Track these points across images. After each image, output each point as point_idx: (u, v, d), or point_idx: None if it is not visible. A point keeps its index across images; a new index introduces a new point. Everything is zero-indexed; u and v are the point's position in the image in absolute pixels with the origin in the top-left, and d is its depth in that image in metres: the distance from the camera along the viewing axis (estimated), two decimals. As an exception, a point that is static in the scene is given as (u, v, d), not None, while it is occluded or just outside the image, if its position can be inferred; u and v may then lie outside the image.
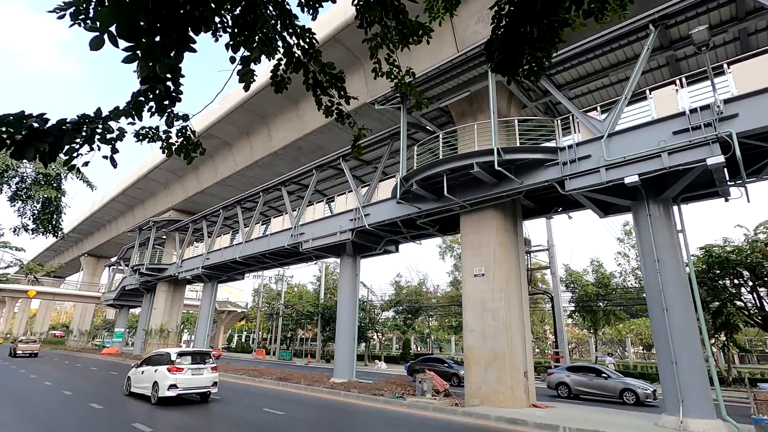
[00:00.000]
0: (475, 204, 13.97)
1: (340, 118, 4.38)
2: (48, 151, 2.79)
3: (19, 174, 10.92)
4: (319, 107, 4.23)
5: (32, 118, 2.74)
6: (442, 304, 40.26)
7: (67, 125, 2.86)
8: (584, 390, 16.87)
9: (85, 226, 52.59)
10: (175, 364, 12.23)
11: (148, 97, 3.16)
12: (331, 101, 4.25)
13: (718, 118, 9.64)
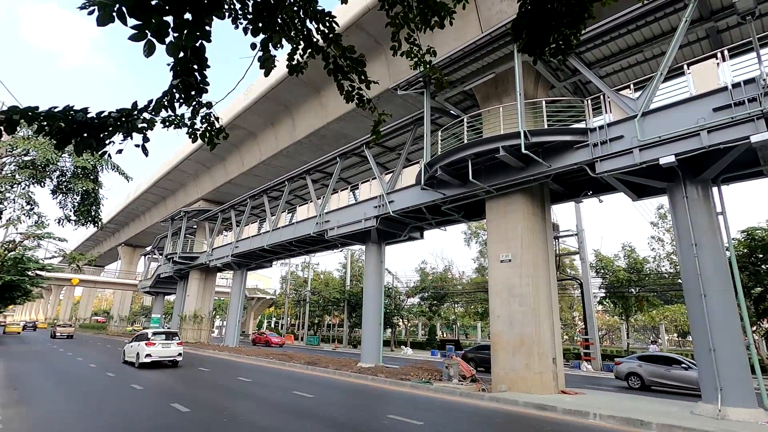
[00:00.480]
0: (501, 189, 13.72)
1: (361, 103, 4.35)
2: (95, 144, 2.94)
3: (59, 168, 11.45)
4: (341, 92, 4.21)
5: (76, 111, 2.89)
6: (468, 290, 40.07)
7: (111, 119, 2.99)
8: (660, 381, 15.67)
9: (121, 216, 54.84)
10: (150, 340, 17.06)
11: (180, 89, 3.25)
12: (352, 86, 4.22)
13: (764, 92, 9.05)
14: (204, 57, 3.22)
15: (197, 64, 3.23)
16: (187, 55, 3.11)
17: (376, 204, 18.47)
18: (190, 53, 3.13)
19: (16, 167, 10.85)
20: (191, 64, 3.20)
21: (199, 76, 3.28)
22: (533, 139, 11.86)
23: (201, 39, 3.16)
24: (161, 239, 43.50)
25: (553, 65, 13.85)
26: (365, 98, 4.33)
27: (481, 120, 14.55)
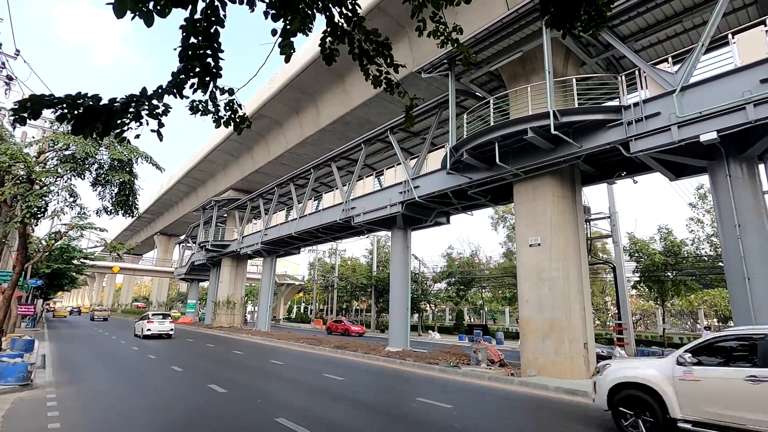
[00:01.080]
0: (529, 171, 13.39)
1: (389, 87, 4.28)
2: (101, 128, 2.99)
3: (97, 161, 11.95)
4: (366, 77, 4.15)
5: (87, 98, 2.93)
6: (496, 275, 39.67)
7: (117, 105, 3.03)
8: None
9: (155, 207, 56.96)
10: (149, 319, 24.34)
11: (190, 75, 3.25)
12: (379, 70, 4.15)
13: (818, 60, 8.38)
14: (217, 42, 3.22)
15: (210, 49, 3.23)
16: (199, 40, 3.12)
17: (402, 190, 18.41)
18: (202, 38, 3.14)
19: (58, 161, 11.40)
20: (204, 49, 3.20)
21: (212, 61, 3.29)
22: (563, 119, 11.46)
23: (215, 24, 3.17)
24: (194, 228, 45.01)
25: (584, 41, 13.26)
26: (393, 82, 4.26)
27: (508, 101, 14.16)
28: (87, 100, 2.89)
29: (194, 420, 7.19)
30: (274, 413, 7.50)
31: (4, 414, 7.06)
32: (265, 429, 6.59)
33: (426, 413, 7.91)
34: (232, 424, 6.94)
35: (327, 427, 6.78)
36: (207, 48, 3.20)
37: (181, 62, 3.15)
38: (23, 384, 9.04)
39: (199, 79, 3.26)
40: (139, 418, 7.21)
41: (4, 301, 12.06)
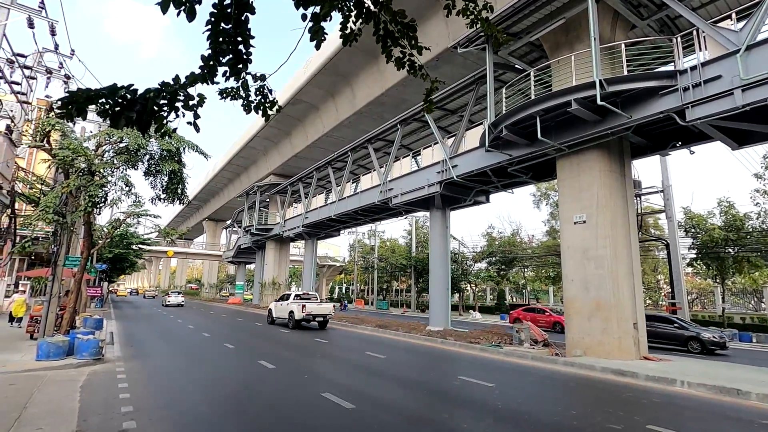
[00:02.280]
0: (573, 146, 12.78)
1: (412, 69, 4.17)
2: (136, 119, 3.03)
3: (148, 152, 12.64)
4: (388, 60, 4.06)
5: (123, 89, 2.95)
6: (538, 254, 38.65)
7: (150, 94, 3.04)
8: None
9: (203, 194, 59.67)
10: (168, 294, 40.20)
11: (220, 62, 3.29)
12: (402, 52, 4.06)
13: None
14: (247, 29, 3.24)
15: (241, 36, 3.26)
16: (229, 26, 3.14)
17: (439, 169, 18.19)
18: (233, 25, 3.16)
19: (114, 153, 12.17)
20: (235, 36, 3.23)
21: (243, 48, 3.32)
22: (610, 88, 10.79)
23: (245, 11, 3.18)
24: (239, 213, 46.85)
25: (635, 1, 12.31)
26: (416, 64, 4.15)
27: (550, 72, 13.47)
28: (123, 92, 2.93)
29: (247, 393, 7.65)
30: (320, 389, 7.83)
31: (82, 384, 7.82)
32: (313, 403, 6.90)
33: (468, 391, 7.98)
34: (282, 397, 7.33)
35: (371, 403, 7.00)
36: (238, 35, 3.23)
37: (210, 48, 3.18)
38: (96, 358, 9.94)
39: (231, 66, 3.30)
40: (197, 390, 7.76)
41: (75, 283, 13.21)
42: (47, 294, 12.80)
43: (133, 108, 2.96)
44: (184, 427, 5.53)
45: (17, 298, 16.66)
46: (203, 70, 3.16)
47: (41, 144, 12.24)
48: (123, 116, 2.96)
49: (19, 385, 7.54)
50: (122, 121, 2.99)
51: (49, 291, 12.53)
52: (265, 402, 7.01)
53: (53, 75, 15.93)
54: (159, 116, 3.08)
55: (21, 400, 6.58)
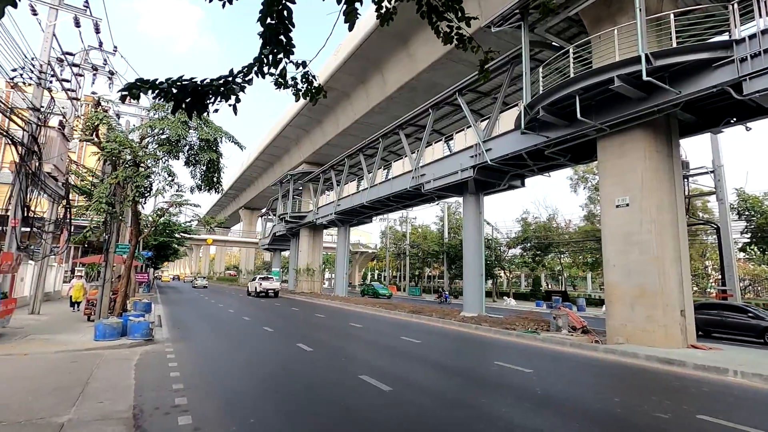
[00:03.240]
0: (616, 125, 12.18)
1: (461, 43, 4.06)
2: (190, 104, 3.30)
3: (188, 143, 13.08)
4: (437, 35, 3.98)
5: (184, 80, 3.23)
6: (576, 239, 37.49)
7: (213, 86, 3.30)
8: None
9: (238, 183, 61.42)
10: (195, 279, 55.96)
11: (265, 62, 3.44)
12: (449, 26, 3.95)
13: None
14: (289, 20, 3.32)
15: (283, 28, 3.35)
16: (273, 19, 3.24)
17: (473, 153, 17.85)
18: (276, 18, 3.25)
19: (157, 145, 12.68)
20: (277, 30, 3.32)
21: (284, 38, 3.40)
22: (658, 62, 10.16)
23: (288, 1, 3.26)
24: (273, 201, 47.96)
25: (685, -33, 11.45)
26: (465, 37, 4.04)
27: (590, 49, 12.82)
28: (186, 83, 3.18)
29: (287, 374, 7.91)
30: (357, 371, 7.98)
31: (136, 363, 8.33)
32: (351, 385, 7.05)
33: (505, 377, 7.91)
34: (321, 379, 7.54)
35: (409, 386, 7.07)
36: (280, 26, 3.31)
37: (264, 46, 3.34)
38: (147, 339, 10.55)
39: (272, 56, 3.41)
40: (240, 371, 8.10)
41: (126, 269, 13.99)
42: (101, 279, 13.65)
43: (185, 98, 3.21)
44: (230, 405, 5.80)
45: (75, 284, 17.81)
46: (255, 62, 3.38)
47: (91, 138, 12.91)
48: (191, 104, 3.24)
49: (81, 363, 8.12)
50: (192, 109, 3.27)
51: (102, 276, 13.34)
52: (305, 383, 7.23)
53: (98, 72, 16.69)
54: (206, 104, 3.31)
55: (83, 376, 7.09)
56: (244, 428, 4.89)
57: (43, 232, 15.63)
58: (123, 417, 5.14)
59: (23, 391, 6.07)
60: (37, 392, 6.05)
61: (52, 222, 16.55)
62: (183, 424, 4.94)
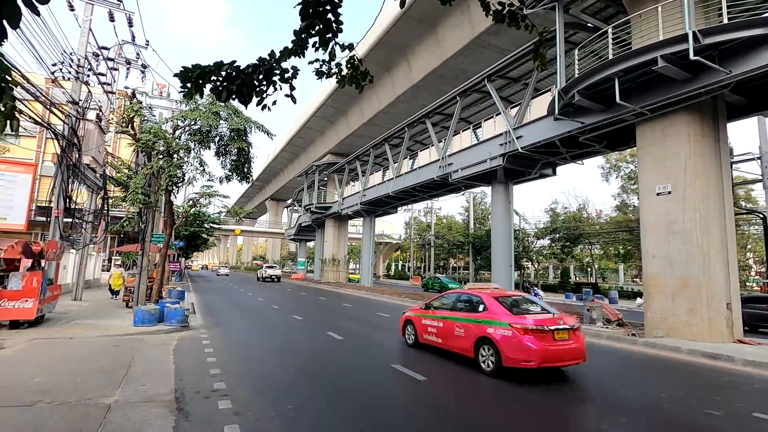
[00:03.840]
0: (657, 109, 11.56)
1: (513, 21, 3.86)
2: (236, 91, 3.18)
3: (218, 133, 13.26)
4: (487, 13, 3.78)
5: (227, 66, 3.11)
6: (607, 230, 36.32)
7: (249, 69, 3.19)
8: None
9: (264, 174, 62.35)
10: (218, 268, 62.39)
11: (311, 33, 3.27)
12: (501, 3, 3.76)
13: None
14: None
15: (330, 5, 3.20)
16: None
17: (502, 141, 17.41)
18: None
19: (189, 135, 12.91)
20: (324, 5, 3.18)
21: (332, 16, 3.26)
22: (706, 40, 9.54)
23: None
24: (299, 192, 48.49)
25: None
26: (518, 14, 3.84)
27: (629, 29, 12.17)
28: (226, 68, 3.08)
29: (320, 362, 7.96)
30: (389, 360, 7.96)
31: (174, 348, 8.57)
32: (384, 374, 7.02)
33: (541, 368, 7.70)
34: (353, 367, 7.54)
35: (442, 377, 6.99)
36: (327, 4, 3.18)
37: (302, 20, 3.19)
38: (183, 325, 10.85)
39: (320, 36, 3.28)
40: (273, 357, 8.21)
41: (161, 257, 14.40)
42: (138, 267, 14.11)
43: (234, 82, 3.11)
44: (267, 391, 5.86)
45: (114, 272, 18.53)
46: (295, 44, 3.23)
47: (126, 129, 13.26)
48: (225, 90, 3.11)
49: (122, 347, 8.41)
50: (224, 94, 3.14)
51: (139, 265, 13.79)
52: (339, 370, 7.24)
53: (132, 65, 17.08)
54: (259, 90, 3.20)
55: (125, 359, 7.33)
56: (283, 414, 4.92)
57: (84, 222, 16.26)
58: (165, 400, 5.27)
59: (72, 373, 6.31)
60: (85, 374, 6.29)
61: (92, 212, 17.20)
62: (223, 408, 5.02)
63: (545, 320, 6.97)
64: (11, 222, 16.06)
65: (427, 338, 8.85)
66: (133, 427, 4.36)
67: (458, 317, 8.03)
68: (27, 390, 5.41)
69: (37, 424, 4.31)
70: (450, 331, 8.10)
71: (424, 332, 8.95)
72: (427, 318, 8.96)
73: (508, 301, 7.69)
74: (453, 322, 8.08)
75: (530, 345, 6.56)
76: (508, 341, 6.78)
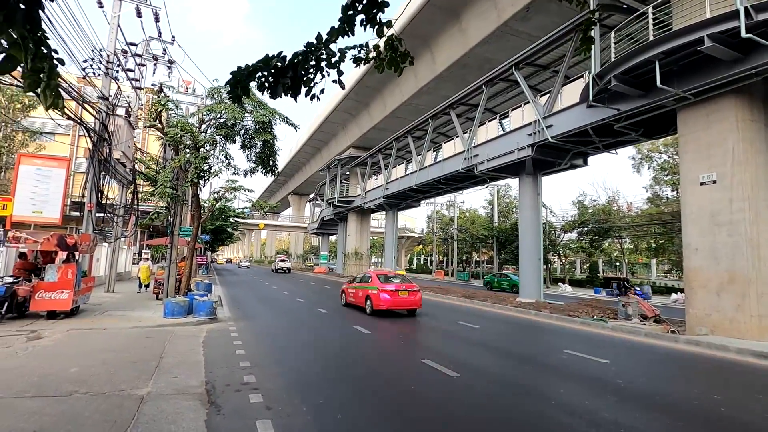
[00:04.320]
0: (702, 92, 10.86)
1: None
2: (291, 85, 3.04)
3: (244, 127, 13.26)
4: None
5: (274, 58, 2.97)
6: (639, 223, 35.00)
7: (298, 58, 3.01)
8: None
9: (287, 169, 62.88)
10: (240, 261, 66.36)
11: (357, 9, 3.06)
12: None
13: None
14: None
15: None
16: None
17: (531, 131, 16.85)
18: None
19: (215, 129, 12.96)
20: None
21: None
22: (759, 16, 8.85)
23: None
24: (321, 186, 48.68)
25: None
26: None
27: (669, 10, 11.44)
28: (275, 61, 2.94)
29: (349, 356, 7.83)
30: (419, 355, 7.76)
31: (203, 340, 8.60)
32: (416, 370, 6.82)
33: (579, 366, 7.36)
34: (383, 361, 7.38)
35: (476, 373, 6.74)
36: None
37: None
38: (211, 318, 10.93)
39: (366, 12, 3.06)
40: (301, 351, 8.12)
41: (189, 250, 14.59)
42: (167, 260, 14.33)
43: (286, 75, 2.97)
44: (297, 384, 5.75)
45: (142, 266, 18.93)
46: (342, 23, 3.02)
47: (155, 123, 13.42)
48: (280, 84, 2.98)
49: (154, 338, 8.49)
50: (280, 89, 3.00)
51: (168, 258, 14.00)
52: (368, 365, 7.09)
53: (159, 61, 17.28)
54: (306, 79, 3.06)
55: (157, 351, 7.38)
56: (314, 408, 4.79)
57: (115, 216, 16.64)
58: (197, 392, 5.22)
59: (106, 363, 6.37)
60: (118, 364, 6.33)
61: (122, 207, 17.59)
62: (254, 402, 4.93)
63: (395, 285, 13.18)
64: (47, 216, 16.58)
65: (349, 300, 15.13)
66: (166, 420, 4.30)
67: (361, 286, 14.24)
68: (64, 380, 5.46)
69: (73, 415, 4.30)
70: (357, 294, 14.42)
71: (348, 297, 15.30)
72: (351, 288, 15.23)
73: (383, 277, 13.70)
74: (358, 289, 14.39)
75: (386, 297, 12.84)
76: (376, 296, 12.97)
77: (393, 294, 12.82)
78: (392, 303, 12.73)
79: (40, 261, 11.08)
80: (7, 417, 4.20)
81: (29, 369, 5.93)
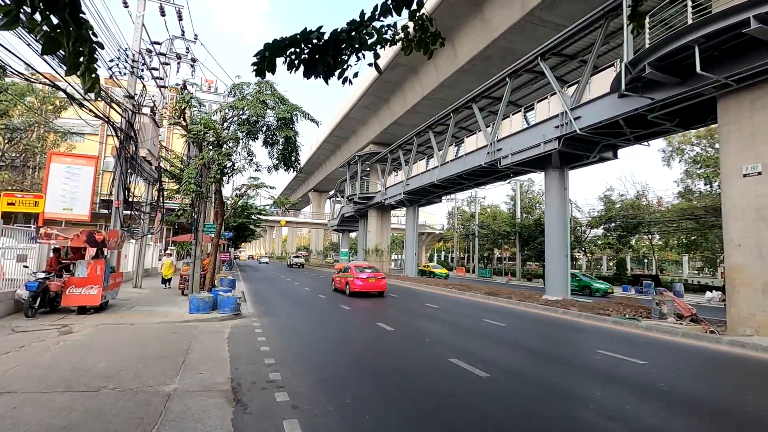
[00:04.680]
0: (746, 78, 10.19)
1: None
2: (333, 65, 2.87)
3: (266, 123, 13.25)
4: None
5: (313, 33, 2.80)
6: (669, 218, 33.71)
7: (342, 34, 2.85)
8: None
9: (307, 166, 63.21)
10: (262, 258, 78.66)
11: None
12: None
13: None
14: None
15: None
16: None
17: (558, 123, 16.30)
18: None
19: (237, 126, 12.99)
20: None
21: None
22: (813, -7, 8.21)
23: None
24: (341, 183, 48.73)
25: None
26: None
27: (708, -8, 10.79)
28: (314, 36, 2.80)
29: (374, 354, 7.68)
30: (445, 354, 7.54)
31: (228, 336, 8.60)
32: (443, 370, 6.61)
33: (615, 367, 7.01)
34: (409, 360, 7.19)
35: (506, 373, 6.48)
36: None
37: None
38: (235, 313, 10.97)
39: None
40: (326, 348, 8.02)
41: (213, 247, 14.72)
42: (192, 256, 14.51)
43: (327, 52, 2.83)
44: (323, 383, 5.63)
45: (165, 261, 19.27)
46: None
47: (179, 120, 13.55)
48: (320, 62, 2.83)
49: (180, 334, 8.54)
50: (320, 66, 2.84)
51: (193, 254, 14.16)
52: (394, 364, 6.92)
53: (182, 60, 17.47)
54: (341, 60, 2.91)
55: (183, 346, 7.39)
56: (342, 408, 4.65)
57: (141, 213, 16.95)
58: (223, 389, 5.15)
59: (134, 359, 6.39)
60: (145, 360, 6.34)
61: (148, 204, 17.91)
62: (281, 400, 4.82)
63: (366, 274, 17.82)
64: (76, 212, 17.01)
65: (336, 286, 19.54)
66: (193, 418, 4.23)
67: (344, 275, 18.59)
68: (93, 375, 5.48)
69: (100, 411, 4.27)
70: (341, 281, 18.85)
71: (336, 284, 19.66)
72: (338, 277, 19.58)
73: (359, 268, 18.36)
74: (342, 278, 18.79)
75: (359, 283, 17.33)
76: (353, 282, 17.43)
77: (364, 281, 17.48)
78: (362, 287, 17.33)
79: (70, 256, 11.34)
80: (38, 412, 4.20)
81: (60, 363, 6.00)
